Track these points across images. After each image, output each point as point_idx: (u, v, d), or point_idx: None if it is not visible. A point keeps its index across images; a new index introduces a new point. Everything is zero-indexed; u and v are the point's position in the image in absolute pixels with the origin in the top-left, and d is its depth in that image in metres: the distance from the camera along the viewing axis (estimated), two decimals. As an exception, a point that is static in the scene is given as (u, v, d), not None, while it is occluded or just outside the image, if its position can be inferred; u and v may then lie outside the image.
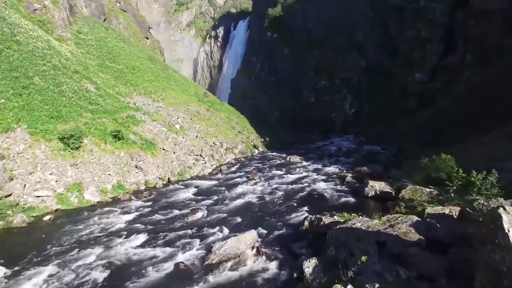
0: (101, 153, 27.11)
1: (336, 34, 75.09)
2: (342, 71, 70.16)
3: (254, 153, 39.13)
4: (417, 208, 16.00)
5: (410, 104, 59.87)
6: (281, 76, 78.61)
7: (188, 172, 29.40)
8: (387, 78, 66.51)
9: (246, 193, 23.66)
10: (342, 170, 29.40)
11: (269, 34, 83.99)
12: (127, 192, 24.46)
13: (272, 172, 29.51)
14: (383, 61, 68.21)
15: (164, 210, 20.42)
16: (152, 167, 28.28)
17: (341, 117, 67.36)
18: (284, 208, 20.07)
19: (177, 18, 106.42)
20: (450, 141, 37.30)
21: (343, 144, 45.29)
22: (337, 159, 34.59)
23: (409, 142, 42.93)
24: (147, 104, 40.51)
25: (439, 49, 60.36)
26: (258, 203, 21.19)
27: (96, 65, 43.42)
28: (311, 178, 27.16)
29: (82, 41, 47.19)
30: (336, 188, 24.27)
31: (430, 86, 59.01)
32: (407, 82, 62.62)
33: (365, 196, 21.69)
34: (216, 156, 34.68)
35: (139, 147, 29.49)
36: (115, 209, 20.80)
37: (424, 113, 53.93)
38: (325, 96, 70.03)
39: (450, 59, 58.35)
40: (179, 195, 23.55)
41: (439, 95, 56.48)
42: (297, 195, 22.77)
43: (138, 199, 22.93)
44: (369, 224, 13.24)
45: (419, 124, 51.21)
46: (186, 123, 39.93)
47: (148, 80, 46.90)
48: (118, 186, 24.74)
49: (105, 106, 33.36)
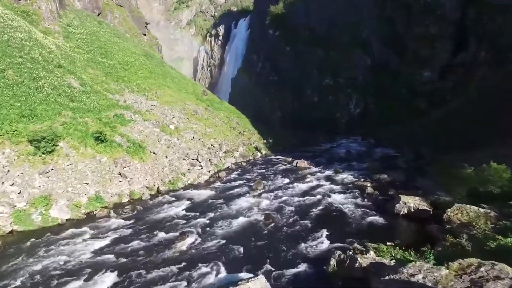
0: (79, 158, 22.38)
1: (340, 31, 70.17)
2: (347, 70, 65.28)
3: (256, 156, 34.42)
4: (483, 241, 11.34)
5: (419, 104, 55.17)
6: (283, 75, 73.74)
7: (181, 180, 24.63)
8: (394, 77, 61.69)
9: (249, 208, 18.95)
10: (358, 178, 24.68)
11: (271, 32, 79.03)
12: (106, 206, 19.72)
13: (277, 180, 24.77)
14: (389, 59, 63.38)
15: (147, 233, 15.70)
16: (139, 174, 23.52)
17: (346, 117, 62.52)
18: (298, 232, 15.39)
19: (177, 16, 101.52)
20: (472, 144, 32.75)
21: (351, 147, 40.56)
22: (349, 164, 29.87)
23: (423, 144, 38.25)
24: (140, 102, 35.74)
25: (449, 47, 55.53)
26: (265, 224, 16.48)
27: (85, 60, 38.61)
28: (324, 189, 22.44)
29: (71, 35, 42.37)
30: (357, 202, 19.57)
31: (440, 85, 54.30)
32: (415, 81, 57.86)
33: (395, 214, 17.02)
34: (214, 160, 29.95)
35: (125, 151, 24.73)
36: (86, 230, 16.07)
37: (436, 113, 49.25)
38: (329, 95, 65.16)
39: (461, 57, 53.60)
40: (168, 211, 18.82)
41: (450, 95, 51.79)
42: (312, 212, 18.07)
43: (117, 216, 18.19)
44: (436, 277, 8.63)
45: (431, 125, 46.57)
46: (182, 123, 35.19)
47: (142, 76, 42.11)
48: (95, 198, 19.99)
49: (89, 104, 28.59)
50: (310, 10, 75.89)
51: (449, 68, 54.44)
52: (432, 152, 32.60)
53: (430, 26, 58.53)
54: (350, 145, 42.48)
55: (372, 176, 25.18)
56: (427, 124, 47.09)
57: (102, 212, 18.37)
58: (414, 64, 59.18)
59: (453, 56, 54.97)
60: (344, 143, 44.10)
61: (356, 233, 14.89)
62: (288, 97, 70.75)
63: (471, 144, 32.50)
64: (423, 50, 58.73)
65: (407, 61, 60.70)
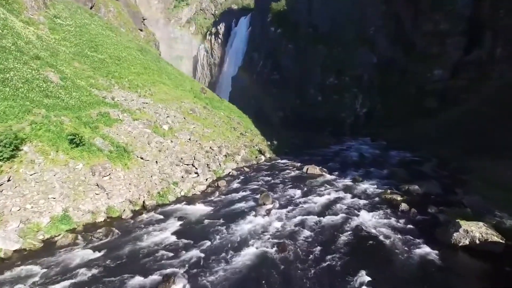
0: (48, 166, 17.62)
1: (344, 28, 65.39)
2: (352, 68, 60.54)
3: (260, 160, 29.68)
4: None
5: (429, 104, 50.50)
6: (285, 73, 68.95)
7: (173, 191, 19.86)
8: (401, 76, 57.07)
9: (256, 233, 14.25)
10: (384, 190, 19.98)
11: (272, 30, 74.22)
12: (74, 228, 14.96)
13: (288, 192, 20.04)
14: (397, 57, 58.65)
15: (119, 274, 10.99)
16: (122, 185, 18.75)
17: (352, 117, 57.81)
18: (326, 274, 10.73)
19: (177, 15, 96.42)
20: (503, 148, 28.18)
21: (363, 149, 35.86)
22: (367, 171, 25.17)
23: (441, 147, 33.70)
24: (130, 99, 30.95)
25: (461, 43, 50.87)
26: (279, 260, 11.79)
27: (72, 53, 33.74)
28: (346, 203, 17.75)
29: (58, 26, 37.44)
30: (392, 223, 14.89)
31: (452, 84, 49.65)
32: (425, 80, 53.17)
33: (452, 245, 12.37)
34: (213, 166, 25.22)
35: (106, 156, 19.95)
36: (36, 270, 11.34)
37: (449, 114, 44.61)
38: (333, 94, 60.40)
39: (475, 54, 48.94)
40: (152, 237, 14.08)
41: (463, 94, 47.07)
42: (339, 241, 13.38)
43: (85, 244, 13.46)
44: None
45: (446, 126, 41.93)
46: (178, 123, 30.43)
47: (135, 72, 37.28)
48: (61, 218, 15.24)
49: (68, 100, 23.76)
50: (312, 7, 71.14)
51: (461, 66, 49.85)
52: (458, 155, 28.01)
53: (440, 22, 53.86)
54: (361, 147, 37.76)
55: (399, 186, 20.51)
56: (441, 125, 42.50)
57: (66, 239, 13.60)
58: (423, 62, 54.52)
59: (465, 53, 50.46)
60: (353, 145, 39.38)
61: (406, 276, 10.24)
62: (290, 96, 65.99)
63: (499, 147, 27.94)
64: (433, 47, 54.08)
65: (415, 59, 56.02)
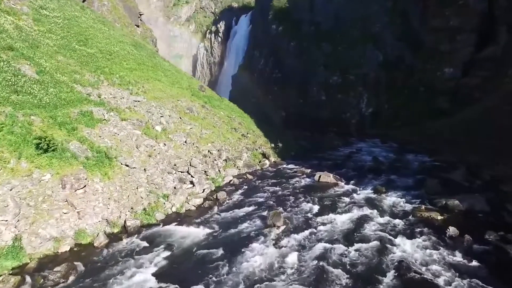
0: (4, 178, 13.63)
1: (348, 26, 61.39)
2: (357, 66, 56.52)
3: (264, 165, 25.68)
4: None
5: (440, 104, 46.66)
6: (287, 71, 64.89)
7: (163, 206, 15.86)
8: (409, 74, 53.10)
9: (267, 271, 10.34)
10: (416, 205, 16.05)
11: (274, 27, 70.16)
12: (26, 263, 11.02)
13: (301, 207, 16.07)
14: (404, 55, 54.68)
15: None
16: (98, 200, 14.74)
17: (357, 117, 53.85)
18: None
19: (176, 13, 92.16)
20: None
21: (375, 152, 31.89)
22: (389, 179, 21.22)
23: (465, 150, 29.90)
24: (120, 97, 26.91)
25: (473, 40, 46.93)
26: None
27: (57, 46, 29.60)
28: (375, 224, 13.82)
29: (44, 18, 33.30)
30: (446, 258, 10.96)
31: (465, 82, 45.73)
32: (435, 78, 49.26)
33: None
34: (212, 173, 21.25)
35: (82, 164, 15.93)
36: None
37: (466, 113, 40.72)
38: (337, 93, 56.40)
39: (489, 50, 45.01)
40: (125, 279, 10.15)
41: (478, 92, 43.13)
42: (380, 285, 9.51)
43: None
44: None
45: (463, 126, 38.18)
46: (172, 124, 26.43)
47: (127, 68, 33.21)
48: (8, 252, 11.22)
49: (41, 97, 19.68)
50: (315, 3, 67.10)
51: (474, 63, 45.98)
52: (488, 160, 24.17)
53: (451, 18, 49.91)
54: (372, 150, 33.77)
55: (432, 200, 16.61)
56: (456, 125, 38.69)
57: (7, 284, 9.64)
58: (432, 60, 50.57)
59: (476, 50, 46.59)
60: (364, 147, 35.39)
61: None
62: (292, 95, 61.99)
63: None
64: (442, 44, 50.06)
65: (423, 56, 52.02)
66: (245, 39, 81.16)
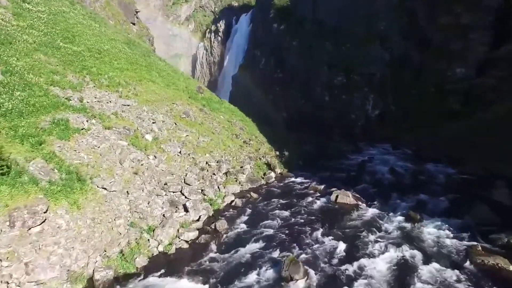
0: None
1: (353, 24, 57.37)
2: (362, 66, 52.67)
3: (269, 179, 21.90)
4: None
5: (451, 105, 42.93)
6: (289, 71, 61.02)
7: (146, 246, 12.09)
8: (417, 74, 49.34)
9: None
10: (469, 243, 12.37)
11: (275, 26, 66.18)
12: None
13: (323, 247, 12.28)
14: (411, 54, 50.83)
15: None
16: (60, 243, 10.96)
17: (363, 119, 50.13)
18: None
19: (175, 12, 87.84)
20: None
21: (389, 161, 28.04)
22: (418, 200, 17.39)
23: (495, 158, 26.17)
24: (107, 101, 23.02)
25: (487, 38, 43.12)
26: None
27: (37, 43, 25.66)
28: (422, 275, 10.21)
29: (26, 12, 29.38)
30: None
31: (479, 82, 41.94)
32: (445, 78, 45.50)
33: None
34: (209, 192, 17.49)
35: (42, 191, 12.17)
36: None
37: (480, 115, 37.00)
38: (342, 94, 52.59)
39: (505, 49, 41.15)
40: None
41: (493, 93, 39.42)
42: None
43: None
44: None
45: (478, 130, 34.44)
46: (166, 131, 22.60)
47: (118, 68, 29.26)
48: None
49: (3, 102, 15.90)
50: (318, 1, 63.11)
51: (488, 63, 42.20)
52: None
53: (462, 15, 46.02)
54: (385, 157, 29.95)
55: (486, 234, 12.91)
56: (475, 128, 34.90)
57: None
58: (442, 59, 46.78)
59: (492, 49, 42.77)
60: (375, 154, 31.64)
61: None
62: (295, 95, 58.22)
63: None
64: (452, 43, 46.28)
65: (432, 55, 48.24)
66: (245, 38, 77.17)
